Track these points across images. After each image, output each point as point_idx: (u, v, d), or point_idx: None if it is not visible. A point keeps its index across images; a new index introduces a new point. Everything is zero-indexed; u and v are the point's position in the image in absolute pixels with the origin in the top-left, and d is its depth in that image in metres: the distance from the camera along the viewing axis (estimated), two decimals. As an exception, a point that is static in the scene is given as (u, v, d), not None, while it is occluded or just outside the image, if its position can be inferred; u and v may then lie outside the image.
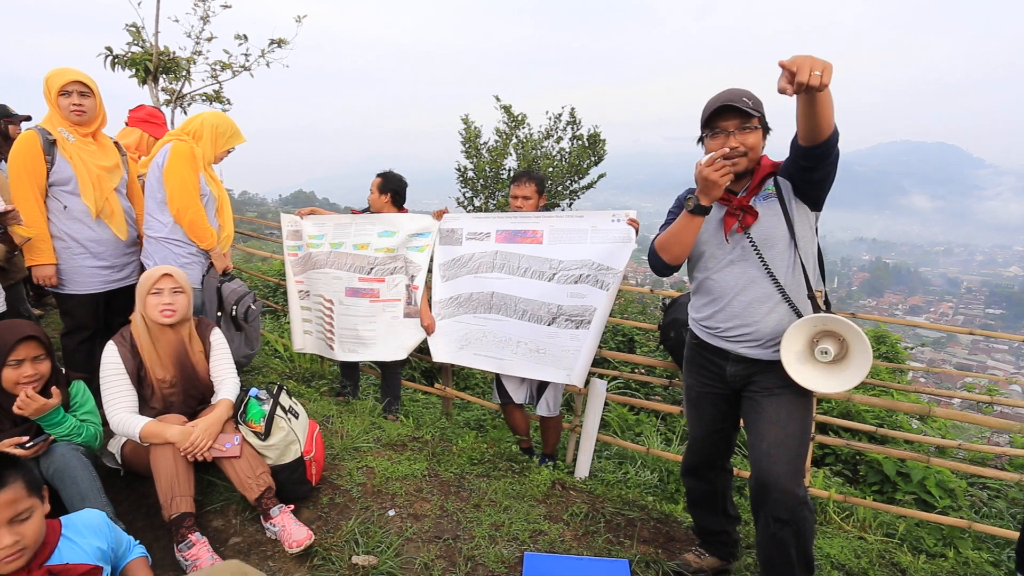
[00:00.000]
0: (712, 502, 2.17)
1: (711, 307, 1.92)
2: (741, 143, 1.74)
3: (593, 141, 9.96)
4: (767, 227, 1.80)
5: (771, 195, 1.80)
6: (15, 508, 1.25)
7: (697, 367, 2.04)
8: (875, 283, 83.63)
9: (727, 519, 2.19)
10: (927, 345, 10.93)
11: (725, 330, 1.89)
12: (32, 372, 1.91)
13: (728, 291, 1.87)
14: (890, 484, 3.71)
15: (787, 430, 1.78)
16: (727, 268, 1.87)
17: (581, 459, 3.19)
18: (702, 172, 1.68)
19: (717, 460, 2.13)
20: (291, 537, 2.04)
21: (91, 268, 2.70)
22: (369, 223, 3.61)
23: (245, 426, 2.22)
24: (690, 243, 1.86)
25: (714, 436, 2.07)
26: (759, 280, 1.82)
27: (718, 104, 1.74)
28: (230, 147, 3.00)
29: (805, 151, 1.64)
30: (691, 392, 2.09)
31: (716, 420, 2.04)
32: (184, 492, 2.01)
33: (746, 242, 1.82)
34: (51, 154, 2.56)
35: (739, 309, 1.85)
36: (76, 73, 2.60)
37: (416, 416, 3.85)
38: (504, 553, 2.19)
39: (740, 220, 1.82)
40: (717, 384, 1.98)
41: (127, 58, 6.04)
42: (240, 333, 3.09)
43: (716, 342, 1.93)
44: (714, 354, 1.96)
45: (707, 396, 2.03)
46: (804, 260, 1.80)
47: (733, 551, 2.21)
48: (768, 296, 1.81)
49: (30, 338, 1.91)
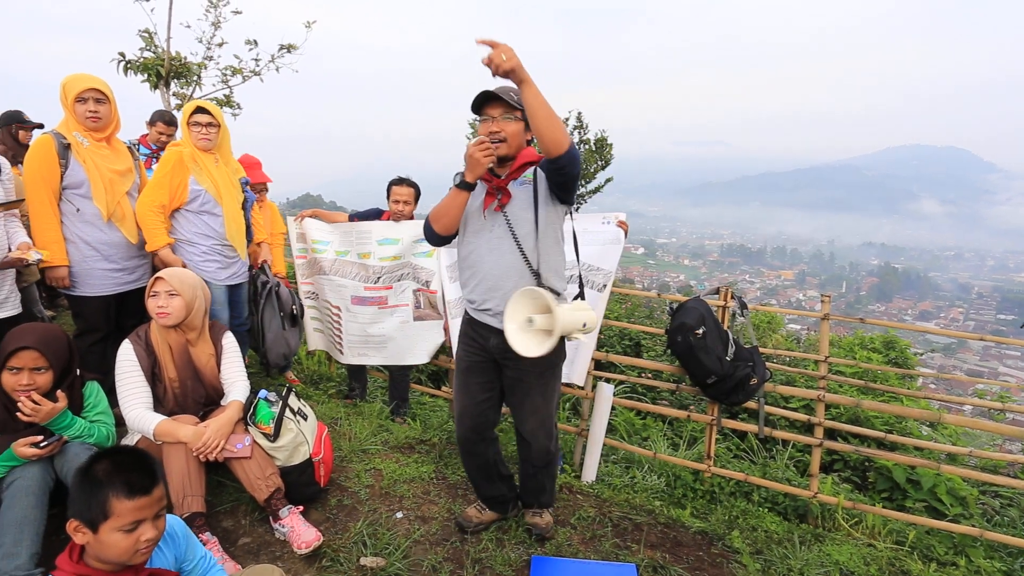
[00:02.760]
0: (487, 471, 2.34)
1: (472, 280, 2.14)
2: (502, 129, 1.98)
3: (600, 145, 10.00)
4: (517, 208, 2.04)
5: (527, 183, 2.05)
6: (160, 504, 1.34)
7: (467, 340, 2.24)
8: (884, 288, 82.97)
9: (501, 480, 2.38)
10: (937, 351, 10.86)
11: (481, 303, 2.10)
12: (28, 382, 1.87)
13: (482, 262, 2.09)
14: (900, 491, 3.67)
15: (547, 407, 2.18)
16: (484, 243, 2.08)
17: (588, 463, 3.19)
18: (469, 151, 1.90)
19: (486, 431, 2.27)
20: (300, 538, 2.06)
21: (103, 271, 2.73)
22: (367, 232, 3.60)
23: (255, 427, 2.24)
24: (456, 216, 2.08)
25: (482, 406, 2.23)
26: (508, 254, 2.04)
27: (484, 92, 1.99)
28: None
29: (547, 161, 1.92)
30: (460, 364, 2.27)
31: (483, 390, 2.21)
32: (196, 492, 2.03)
33: (502, 219, 2.04)
34: (65, 158, 2.60)
35: (492, 281, 2.06)
36: (93, 80, 2.64)
37: (423, 419, 3.85)
38: (511, 556, 2.20)
39: (498, 199, 2.04)
40: (482, 354, 2.19)
41: (139, 63, 6.13)
42: (295, 329, 3.30)
43: (480, 317, 2.14)
44: (480, 328, 2.16)
45: (475, 366, 2.21)
46: (548, 241, 2.04)
47: (507, 506, 2.43)
48: (514, 268, 2.03)
49: (30, 348, 1.87)
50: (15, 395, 1.88)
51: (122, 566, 1.32)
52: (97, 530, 1.26)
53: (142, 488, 1.29)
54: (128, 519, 1.27)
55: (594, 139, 10.02)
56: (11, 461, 1.84)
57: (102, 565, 1.30)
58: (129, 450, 1.38)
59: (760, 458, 3.94)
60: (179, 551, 1.54)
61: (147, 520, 1.30)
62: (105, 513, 1.26)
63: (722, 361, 2.99)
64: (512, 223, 2.03)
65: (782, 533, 2.75)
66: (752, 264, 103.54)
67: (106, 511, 1.26)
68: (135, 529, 1.29)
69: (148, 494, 1.30)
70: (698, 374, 3.06)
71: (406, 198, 3.55)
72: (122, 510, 1.26)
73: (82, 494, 1.28)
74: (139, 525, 1.29)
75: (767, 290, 74.58)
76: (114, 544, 1.27)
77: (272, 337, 3.18)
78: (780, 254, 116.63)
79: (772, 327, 8.15)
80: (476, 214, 2.11)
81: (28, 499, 1.80)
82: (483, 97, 2.00)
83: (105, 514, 1.26)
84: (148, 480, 1.31)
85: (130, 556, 1.30)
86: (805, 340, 8.81)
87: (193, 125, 2.81)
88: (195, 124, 2.81)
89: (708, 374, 3.00)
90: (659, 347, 6.60)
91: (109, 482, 1.27)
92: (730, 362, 3.02)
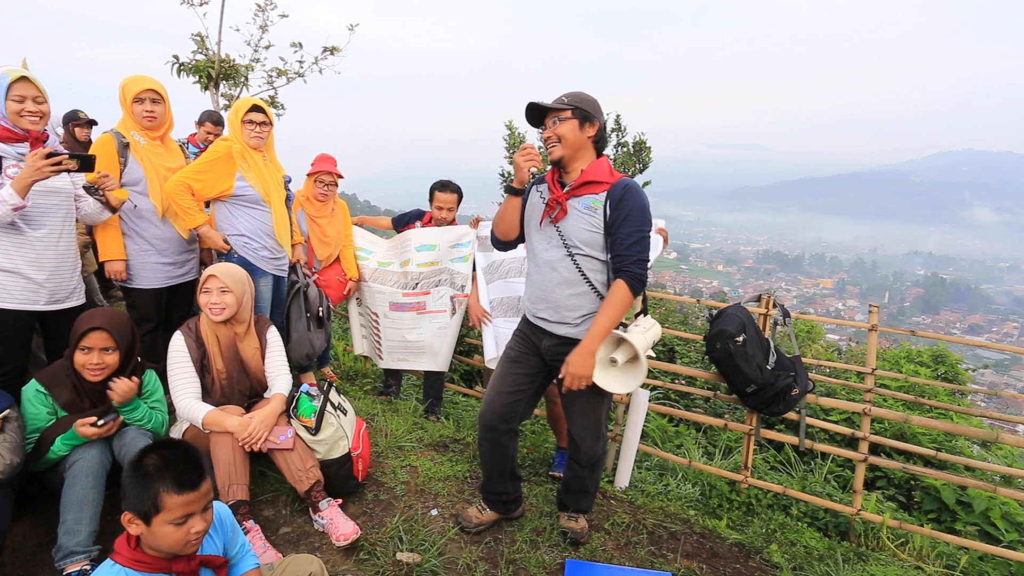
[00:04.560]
0: (502, 465, 2.33)
1: (528, 286, 2.20)
2: (555, 132, 2.03)
3: (639, 149, 9.88)
4: (578, 228, 2.04)
5: (595, 212, 2.02)
6: (208, 498, 1.40)
7: (521, 336, 2.28)
8: (930, 299, 79.36)
9: (512, 479, 2.39)
10: (989, 367, 10.30)
11: (535, 310, 2.15)
12: (97, 361, 2.01)
13: (536, 271, 2.14)
14: (949, 513, 3.51)
15: (595, 410, 2.19)
16: (541, 251, 2.12)
17: (621, 468, 3.15)
18: (515, 158, 2.03)
19: (512, 420, 2.26)
20: (338, 530, 2.10)
21: (156, 264, 2.85)
22: (406, 240, 3.66)
23: (297, 420, 2.30)
24: (511, 221, 2.15)
25: (516, 395, 2.24)
26: (561, 266, 2.07)
27: (532, 103, 2.06)
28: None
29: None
30: (509, 353, 2.30)
31: (523, 380, 2.24)
32: (240, 480, 2.10)
33: (557, 232, 2.07)
34: (124, 156, 2.72)
35: (544, 292, 2.11)
36: (150, 81, 2.75)
37: (456, 418, 3.89)
38: (546, 559, 2.19)
39: (554, 213, 2.07)
40: (533, 351, 2.23)
41: (192, 65, 6.37)
42: (322, 330, 3.36)
43: (535, 320, 2.17)
44: (535, 329, 2.20)
45: (523, 358, 2.25)
46: (602, 259, 2.05)
47: (509, 507, 2.42)
48: (566, 280, 2.06)
49: (100, 329, 2.01)
50: (84, 372, 2.00)
51: (174, 555, 1.37)
52: (150, 523, 1.32)
53: (190, 483, 1.34)
54: (178, 513, 1.32)
55: (632, 142, 9.91)
56: (73, 440, 1.95)
57: (156, 553, 1.36)
58: (177, 444, 1.43)
59: (798, 471, 3.83)
60: (227, 538, 1.59)
61: (196, 513, 1.36)
62: (157, 507, 1.31)
63: (762, 370, 2.92)
64: (567, 237, 2.04)
65: (823, 549, 2.67)
66: (789, 271, 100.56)
67: (157, 505, 1.31)
68: (185, 522, 1.34)
69: (196, 489, 1.35)
70: (737, 382, 3.00)
71: (449, 204, 3.58)
72: (172, 504, 1.31)
73: (134, 488, 1.33)
74: (189, 518, 1.34)
75: (804, 298, 72.33)
76: (166, 536, 1.33)
77: (296, 337, 3.21)
78: (819, 262, 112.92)
79: (812, 337, 7.89)
80: (535, 222, 2.14)
81: (88, 479, 1.90)
82: (537, 116, 2.08)
83: (157, 508, 1.31)
84: (196, 475, 1.36)
85: (181, 547, 1.35)
86: (846, 351, 8.51)
87: (247, 123, 2.87)
88: (249, 122, 2.87)
89: (748, 383, 2.94)
90: (693, 353, 6.48)
91: (159, 477, 1.32)
92: (771, 371, 2.94)
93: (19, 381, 2.21)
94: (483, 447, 2.33)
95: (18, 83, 2.19)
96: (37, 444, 1.95)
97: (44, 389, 2.02)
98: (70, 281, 2.40)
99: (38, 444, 1.95)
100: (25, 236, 2.23)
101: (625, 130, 10.10)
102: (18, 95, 2.19)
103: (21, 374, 2.32)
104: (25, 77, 2.21)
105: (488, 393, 2.28)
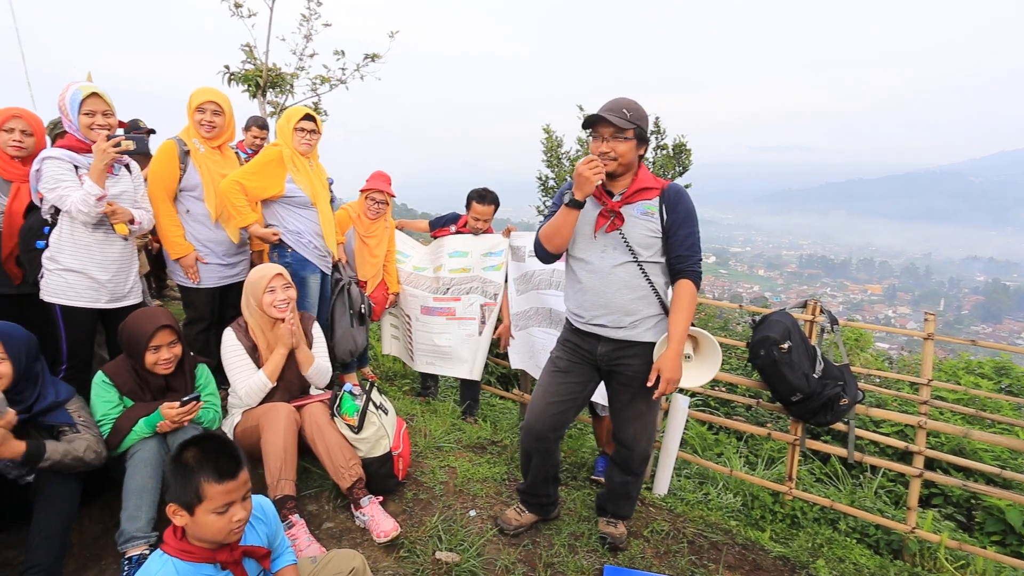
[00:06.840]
0: (547, 470, 2.32)
1: (580, 295, 2.15)
2: (612, 149, 1.98)
3: (678, 151, 9.73)
4: (636, 234, 2.04)
5: (651, 216, 2.05)
6: (247, 487, 1.47)
7: (569, 346, 2.25)
8: (991, 307, 74.79)
9: (554, 482, 2.40)
10: (1058, 380, 9.63)
11: (592, 318, 2.11)
12: (169, 356, 2.18)
13: (593, 279, 2.09)
14: (1015, 536, 3.30)
15: (651, 413, 2.21)
16: (596, 260, 2.09)
17: (660, 476, 3.10)
18: (578, 168, 1.91)
19: (562, 428, 2.26)
20: (379, 527, 2.14)
21: (212, 265, 2.98)
22: (440, 245, 3.70)
23: (339, 419, 2.36)
24: (568, 235, 2.07)
25: (567, 404, 2.22)
26: (622, 271, 2.06)
27: (595, 114, 1.98)
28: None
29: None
30: (558, 363, 2.26)
31: (576, 390, 2.22)
32: (289, 476, 2.17)
33: (617, 239, 2.05)
34: (184, 162, 2.86)
35: (605, 298, 2.07)
36: (214, 92, 2.89)
37: (493, 420, 3.91)
38: (584, 564, 2.18)
39: (610, 222, 2.05)
40: (585, 360, 2.20)
41: (241, 75, 6.64)
42: (363, 327, 3.47)
43: (589, 329, 2.14)
44: (588, 337, 2.17)
45: (575, 368, 2.22)
46: (661, 263, 2.08)
47: (548, 509, 2.42)
48: (627, 285, 2.05)
49: (167, 327, 2.16)
50: (157, 368, 2.15)
51: (219, 545, 1.43)
52: (193, 513, 1.38)
53: (230, 472, 1.40)
54: (220, 501, 1.38)
55: (672, 144, 9.76)
56: (157, 419, 2.08)
57: (201, 543, 1.42)
58: (213, 437, 1.49)
59: (846, 484, 3.67)
60: (271, 530, 1.65)
61: (236, 502, 1.42)
62: (199, 497, 1.37)
63: (808, 378, 2.82)
64: (630, 242, 2.05)
65: (874, 568, 2.56)
66: (834, 276, 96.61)
67: (200, 495, 1.37)
68: (227, 511, 1.40)
69: (235, 478, 1.41)
70: (781, 390, 2.91)
71: (486, 216, 3.59)
72: (213, 493, 1.37)
73: (176, 480, 1.40)
74: (230, 507, 1.40)
75: (851, 305, 69.35)
76: (210, 524, 1.39)
77: (341, 333, 3.32)
78: (867, 266, 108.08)
79: (860, 345, 7.57)
80: (585, 233, 2.12)
81: (147, 469, 2.00)
82: (594, 118, 2.01)
83: (199, 498, 1.37)
84: (234, 464, 1.42)
85: (225, 535, 1.41)
86: (898, 360, 8.12)
87: (299, 130, 2.98)
88: (300, 130, 2.98)
89: (793, 391, 2.84)
90: (734, 360, 6.31)
91: (200, 468, 1.38)
92: (818, 380, 2.84)
93: (84, 375, 2.35)
94: (532, 456, 2.31)
95: (89, 99, 2.36)
96: (113, 431, 2.08)
97: (109, 380, 2.15)
98: (128, 280, 2.55)
99: (113, 431, 2.08)
100: (92, 238, 2.39)
101: (664, 132, 9.95)
102: (89, 110, 2.35)
103: (86, 368, 2.47)
104: (95, 93, 2.37)
105: (535, 403, 2.26)
